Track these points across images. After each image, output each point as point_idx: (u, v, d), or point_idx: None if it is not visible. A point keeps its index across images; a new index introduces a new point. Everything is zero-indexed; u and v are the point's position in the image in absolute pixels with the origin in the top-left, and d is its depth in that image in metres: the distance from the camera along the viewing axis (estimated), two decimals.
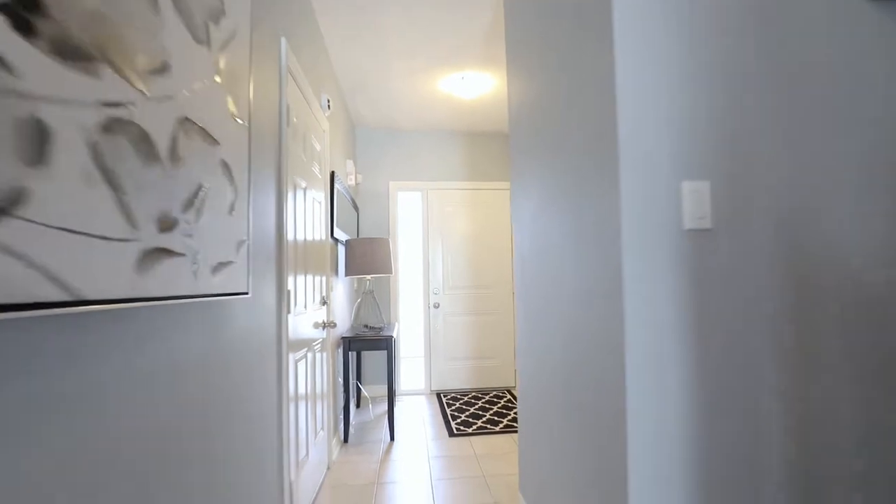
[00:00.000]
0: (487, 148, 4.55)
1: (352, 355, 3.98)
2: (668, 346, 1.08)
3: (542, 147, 1.70)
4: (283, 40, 1.79)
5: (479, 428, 3.27)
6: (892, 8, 1.21)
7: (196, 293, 0.93)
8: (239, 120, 1.20)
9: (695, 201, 1.08)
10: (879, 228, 1.15)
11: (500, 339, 4.45)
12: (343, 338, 3.17)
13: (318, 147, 2.54)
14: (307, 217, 2.25)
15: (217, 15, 1.08)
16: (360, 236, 4.33)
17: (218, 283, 1.04)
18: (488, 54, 2.97)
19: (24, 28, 0.53)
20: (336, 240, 3.11)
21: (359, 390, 4.08)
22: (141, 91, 0.76)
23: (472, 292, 4.45)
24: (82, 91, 0.62)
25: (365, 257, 3.38)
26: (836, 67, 1.18)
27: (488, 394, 4.21)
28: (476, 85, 3.38)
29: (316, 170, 2.49)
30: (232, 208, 1.14)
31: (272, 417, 1.62)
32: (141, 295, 0.74)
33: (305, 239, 2.19)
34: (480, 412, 3.64)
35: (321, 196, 2.62)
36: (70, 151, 0.59)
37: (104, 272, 0.65)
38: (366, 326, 3.44)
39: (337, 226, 3.02)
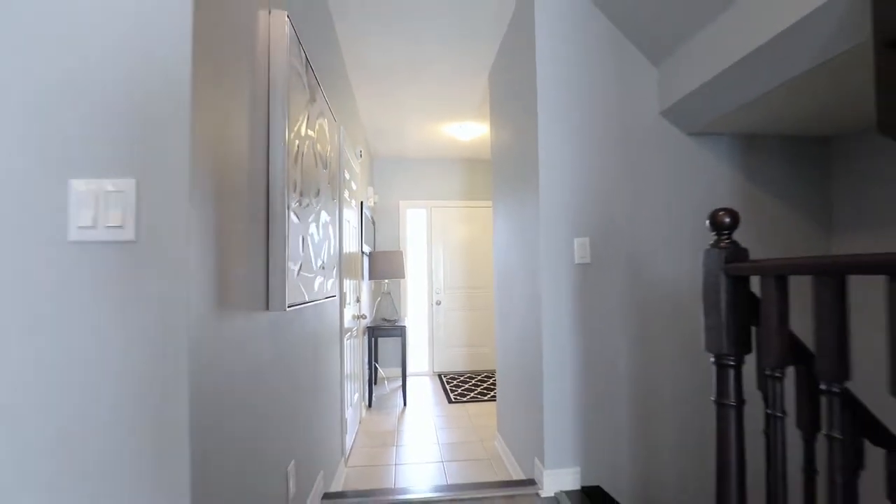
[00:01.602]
0: (481, 174, 5.49)
1: (373, 341, 4.94)
2: (566, 331, 2.02)
3: (509, 194, 2.64)
4: (342, 129, 2.73)
5: (471, 398, 4.22)
6: (700, 140, 2.16)
7: (325, 296, 1.88)
8: (334, 199, 2.15)
9: (581, 248, 2.03)
10: (683, 265, 2.10)
11: (490, 331, 5.40)
12: (368, 327, 4.12)
13: (354, 187, 3.48)
14: (348, 238, 3.19)
15: (327, 146, 2.02)
16: (377, 246, 5.27)
17: (328, 290, 1.99)
18: (481, 111, 3.90)
19: (306, 193, 1.48)
20: (363, 252, 4.05)
21: (377, 370, 5.03)
22: (314, 206, 1.70)
23: (468, 292, 5.39)
24: (307, 214, 1.56)
25: (383, 265, 4.33)
26: (666, 173, 2.12)
27: (479, 374, 5.17)
28: (471, 131, 4.32)
29: (353, 203, 3.43)
30: (333, 249, 2.09)
31: (337, 373, 2.57)
32: (314, 298, 1.68)
33: (348, 253, 3.13)
34: (473, 387, 4.60)
35: (355, 220, 3.55)
36: (307, 243, 1.54)
37: (311, 288, 1.59)
38: (384, 319, 4.39)
39: (363, 241, 3.96)
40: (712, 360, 1.01)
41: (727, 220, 0.99)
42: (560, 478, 1.94)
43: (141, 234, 0.78)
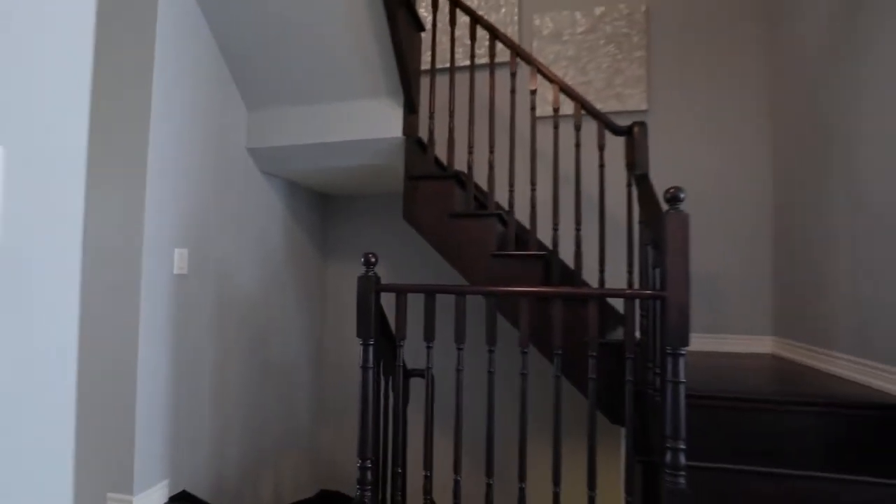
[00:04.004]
0: None
1: None
2: (164, 335, 1.96)
3: None
4: None
5: None
6: (268, 178, 2.71)
7: None
8: None
9: (180, 259, 2.05)
10: (254, 279, 2.56)
11: None
12: None
13: None
14: None
15: None
16: None
17: None
18: None
19: None
20: None
21: None
22: None
23: None
24: None
25: None
26: (247, 198, 2.51)
27: None
28: None
29: None
30: None
31: None
32: None
33: None
34: None
35: None
36: None
37: None
38: None
39: None
40: (361, 342, 1.65)
41: (373, 259, 1.67)
42: (151, 497, 1.84)
43: None
